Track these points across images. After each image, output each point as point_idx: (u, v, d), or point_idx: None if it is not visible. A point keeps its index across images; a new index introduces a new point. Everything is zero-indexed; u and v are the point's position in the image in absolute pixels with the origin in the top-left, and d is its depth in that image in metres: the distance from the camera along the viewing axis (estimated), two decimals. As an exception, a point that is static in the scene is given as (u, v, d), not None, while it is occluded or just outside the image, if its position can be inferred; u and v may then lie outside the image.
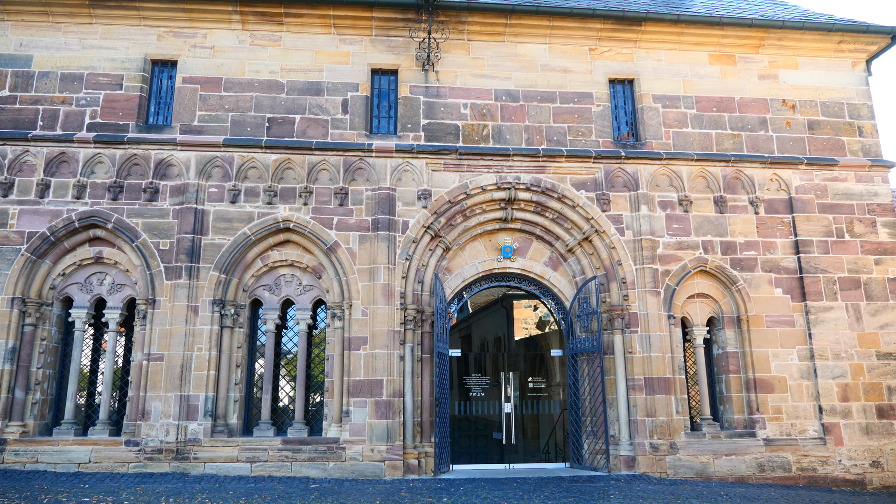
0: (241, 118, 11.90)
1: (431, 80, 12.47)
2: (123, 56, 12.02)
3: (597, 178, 12.28)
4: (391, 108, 12.47)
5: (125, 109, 11.76)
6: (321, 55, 12.37)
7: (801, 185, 12.69)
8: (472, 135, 12.26)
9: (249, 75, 12.13)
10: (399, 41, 12.57)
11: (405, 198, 11.85)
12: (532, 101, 12.56)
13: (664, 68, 13.02)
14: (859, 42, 13.38)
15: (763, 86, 13.19)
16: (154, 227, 11.31)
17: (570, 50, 12.92)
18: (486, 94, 12.49)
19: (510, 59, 12.74)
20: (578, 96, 12.68)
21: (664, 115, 12.75)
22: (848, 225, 12.64)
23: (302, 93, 12.14)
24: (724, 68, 13.19)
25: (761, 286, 12.16)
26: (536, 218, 12.32)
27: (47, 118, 11.60)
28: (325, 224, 11.59)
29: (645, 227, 12.08)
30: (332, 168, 11.82)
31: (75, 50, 11.98)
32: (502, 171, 12.15)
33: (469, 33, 12.68)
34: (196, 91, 11.97)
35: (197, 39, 12.23)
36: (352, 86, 12.27)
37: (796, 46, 13.35)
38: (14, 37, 11.97)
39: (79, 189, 11.32)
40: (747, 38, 13.17)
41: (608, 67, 12.92)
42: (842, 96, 13.35)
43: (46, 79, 11.79)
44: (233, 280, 11.43)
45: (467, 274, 12.26)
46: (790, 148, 12.88)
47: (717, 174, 12.52)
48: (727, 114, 12.92)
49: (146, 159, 11.54)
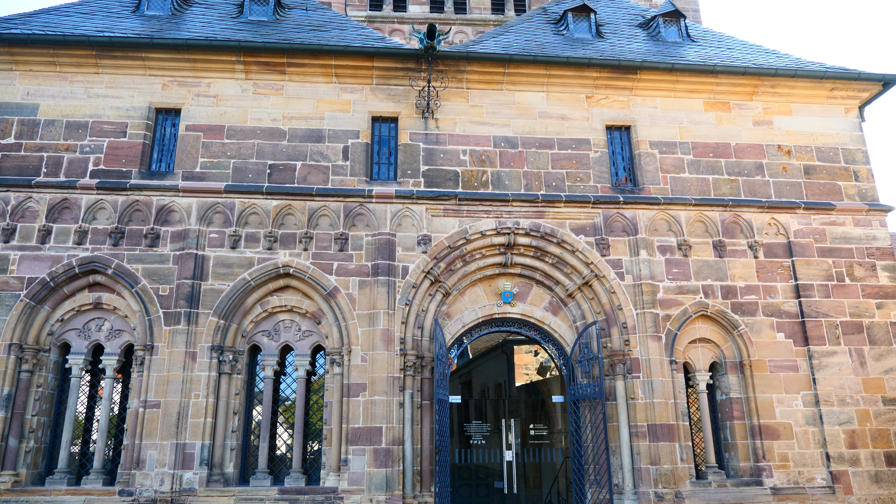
0: (243, 165, 12.04)
1: (431, 127, 12.66)
2: (128, 104, 12.23)
3: (596, 223, 12.34)
4: (391, 155, 12.62)
5: (128, 156, 11.91)
6: (323, 103, 12.59)
7: (799, 230, 12.74)
8: (471, 181, 12.38)
9: (252, 123, 12.32)
10: (399, 89, 12.80)
11: (405, 243, 11.89)
12: (530, 147, 12.72)
13: (660, 115, 13.22)
14: (851, 89, 13.62)
15: (758, 132, 13.37)
16: (154, 272, 11.31)
17: (568, 98, 13.14)
18: (485, 140, 12.66)
19: (508, 106, 12.95)
20: (576, 142, 12.85)
21: (661, 160, 12.89)
22: (848, 269, 12.63)
23: (303, 140, 12.30)
24: (719, 115, 13.39)
25: (763, 330, 12.09)
26: (536, 263, 12.34)
27: (51, 165, 11.74)
28: (324, 269, 11.60)
29: (645, 271, 12.08)
30: (333, 214, 11.89)
31: (81, 98, 12.20)
32: (501, 216, 12.22)
33: (468, 82, 12.93)
34: (199, 138, 12.14)
35: (201, 88, 12.47)
36: (352, 133, 12.45)
37: (789, 93, 13.59)
38: (21, 86, 12.20)
39: (80, 235, 11.37)
40: (741, 86, 13.42)
41: (605, 114, 13.12)
42: (836, 141, 13.51)
43: (52, 126, 11.97)
44: (232, 326, 11.38)
45: (467, 319, 12.20)
46: (787, 192, 12.98)
47: (715, 219, 12.58)
48: (724, 159, 13.06)
49: (148, 205, 11.63)
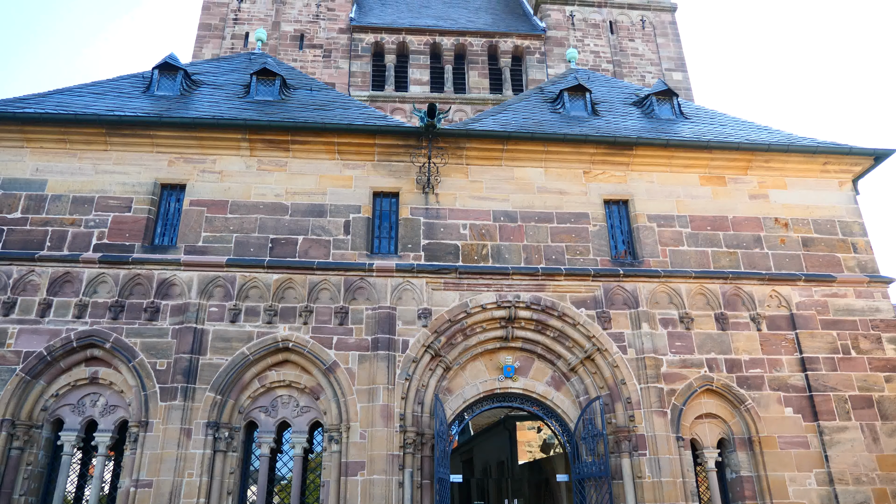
0: (245, 239, 12.15)
1: (431, 202, 12.85)
2: (134, 180, 12.48)
3: (596, 296, 12.32)
4: (392, 229, 12.75)
5: (132, 231, 12.05)
6: (325, 179, 12.84)
7: (801, 302, 12.69)
8: (471, 254, 12.45)
9: (255, 198, 12.52)
10: (400, 165, 13.08)
11: (405, 317, 11.83)
12: (530, 221, 12.86)
13: (657, 189, 13.43)
14: (844, 163, 13.88)
15: (755, 205, 13.54)
16: (152, 346, 11.22)
17: (566, 173, 13.40)
18: (485, 215, 12.82)
19: (507, 181, 13.19)
20: (575, 216, 12.99)
21: (660, 233, 13.00)
22: (853, 341, 12.50)
23: (305, 214, 12.47)
24: (715, 189, 13.60)
25: (770, 405, 11.84)
26: (537, 336, 12.24)
27: (55, 239, 11.86)
28: (324, 343, 11.50)
29: (647, 344, 11.96)
30: (333, 287, 11.90)
31: (89, 175, 12.46)
32: (502, 289, 12.21)
33: (467, 158, 13.22)
34: (202, 213, 12.31)
35: (206, 165, 12.75)
36: (354, 208, 12.63)
37: (783, 168, 13.84)
38: (31, 162, 12.49)
39: (80, 308, 11.36)
40: (735, 161, 13.69)
41: (603, 189, 13.33)
42: (833, 214, 13.66)
43: (58, 201, 12.17)
44: (229, 401, 11.18)
45: (468, 394, 11.99)
46: (787, 265, 13.01)
47: (716, 291, 12.56)
48: (721, 232, 13.17)
49: (149, 279, 11.66)
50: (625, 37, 28.09)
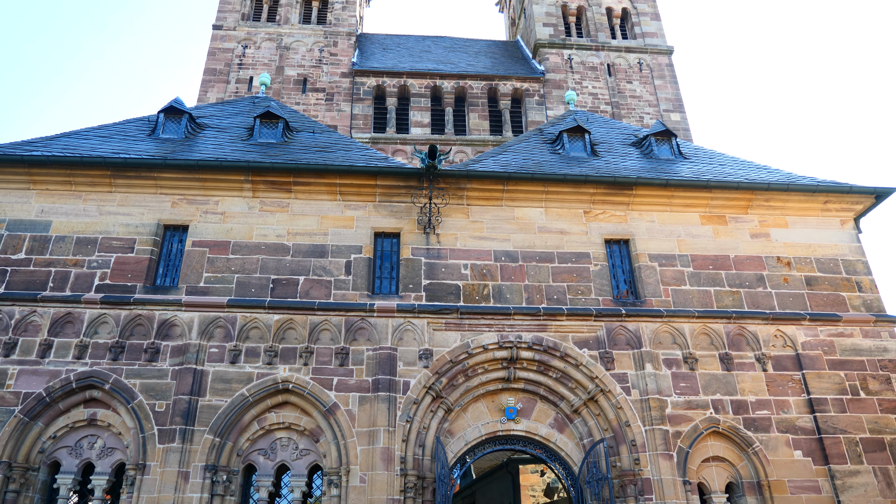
0: (247, 279, 12.16)
1: (432, 242, 12.88)
2: (138, 221, 12.56)
3: (599, 337, 12.22)
4: (393, 269, 12.76)
5: (134, 271, 12.07)
6: (327, 220, 12.90)
7: (806, 342, 12.56)
8: (472, 294, 12.41)
9: (257, 239, 12.57)
10: (401, 206, 13.16)
11: (406, 357, 11.74)
12: (531, 261, 12.86)
13: (658, 229, 13.45)
14: (844, 201, 13.91)
15: (756, 244, 13.52)
16: (152, 388, 11.13)
17: (566, 213, 13.45)
18: (486, 254, 12.83)
19: (508, 221, 13.24)
20: (576, 256, 12.99)
21: (661, 273, 12.97)
22: (861, 382, 12.32)
23: (307, 255, 12.50)
24: (716, 228, 13.61)
25: (779, 448, 11.61)
26: (540, 377, 12.10)
27: (58, 280, 11.88)
28: (324, 385, 11.39)
29: (651, 385, 11.81)
30: (334, 328, 11.85)
31: (93, 216, 12.55)
32: (503, 329, 12.14)
33: (468, 198, 13.30)
34: (204, 254, 12.35)
35: (209, 206, 12.84)
36: (355, 248, 12.66)
37: (784, 207, 13.87)
38: (37, 204, 12.61)
39: (80, 349, 11.31)
40: (735, 200, 13.74)
41: (603, 229, 13.36)
42: (835, 253, 13.62)
43: (62, 242, 12.24)
44: (227, 444, 11.02)
45: (470, 437, 11.81)
46: (791, 304, 12.93)
47: (719, 331, 12.46)
48: (724, 271, 13.12)
49: (150, 320, 11.64)
50: (622, 79, 28.55)
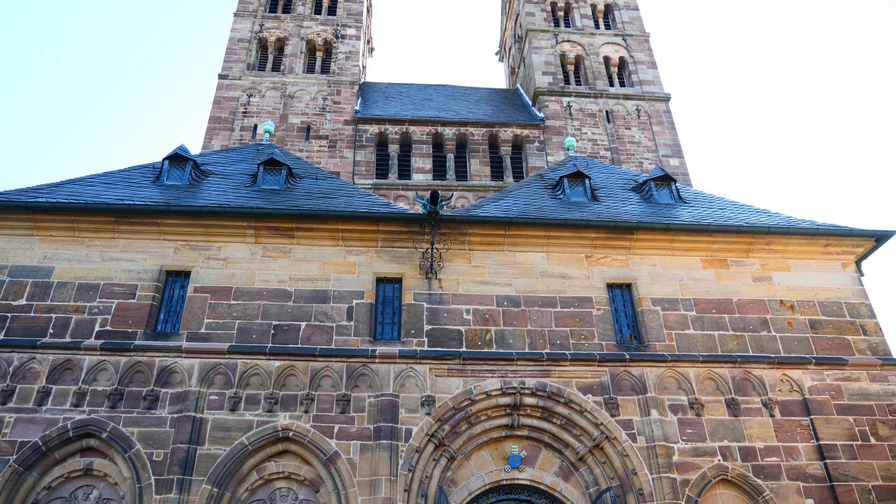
0: (248, 325, 12.10)
1: (434, 287, 12.87)
2: (140, 267, 12.58)
3: (603, 382, 12.08)
4: (395, 315, 12.70)
5: (135, 318, 12.02)
6: (329, 265, 12.92)
7: (813, 386, 12.41)
8: (475, 340, 12.33)
9: (259, 284, 12.56)
10: (403, 251, 13.19)
11: (408, 404, 11.59)
12: (533, 306, 12.82)
13: (660, 273, 13.45)
14: (845, 244, 13.94)
15: (759, 287, 13.50)
16: (150, 436, 10.95)
17: (568, 257, 13.47)
18: (488, 299, 12.80)
19: (510, 266, 13.25)
20: (578, 301, 12.95)
21: (665, 317, 12.90)
22: (871, 427, 12.12)
23: (308, 301, 12.47)
24: (718, 272, 13.60)
25: (790, 496, 11.34)
26: (544, 424, 11.92)
27: (58, 326, 11.82)
28: (325, 433, 11.20)
29: (657, 432, 11.61)
30: (335, 374, 11.73)
31: (95, 262, 12.57)
32: (507, 375, 12.01)
33: (470, 243, 13.34)
34: (206, 300, 12.32)
35: (212, 252, 12.88)
36: (357, 294, 12.64)
37: (785, 250, 13.90)
38: (40, 250, 12.64)
39: (78, 397, 11.17)
40: (736, 244, 13.77)
41: (605, 273, 13.36)
42: (838, 296, 13.58)
43: (64, 289, 12.22)
44: (225, 494, 10.78)
45: (473, 486, 11.55)
46: (795, 348, 12.82)
47: (725, 376, 12.32)
48: (727, 315, 13.06)
49: (150, 366, 11.53)
50: (621, 125, 28.98)
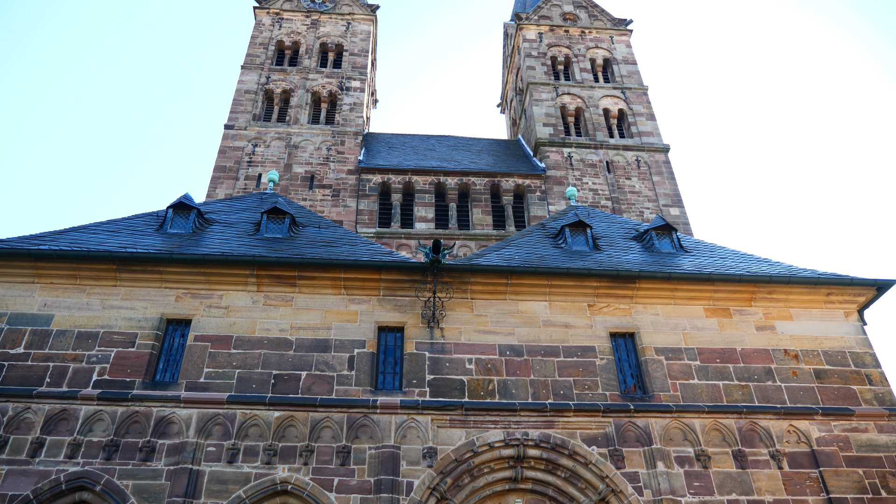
0: (248, 375, 11.98)
1: (437, 336, 12.79)
2: (141, 315, 12.53)
3: (608, 433, 11.88)
4: (397, 364, 12.59)
5: (134, 366, 11.91)
6: (330, 314, 12.88)
7: (821, 437, 12.20)
8: (477, 390, 12.19)
9: (260, 333, 12.49)
10: (405, 300, 13.16)
11: (409, 456, 11.37)
12: (536, 355, 12.72)
13: (663, 322, 13.39)
14: (847, 293, 13.92)
15: (762, 337, 13.41)
16: (145, 489, 10.70)
17: (570, 306, 13.43)
18: (491, 349, 12.71)
19: (512, 315, 13.20)
20: (581, 350, 12.86)
21: (668, 366, 12.78)
22: (881, 480, 11.86)
23: (309, 350, 12.38)
24: (721, 321, 13.55)
25: (801, 553, 11.02)
26: (548, 477, 11.66)
27: (56, 375, 11.70)
28: (324, 486, 10.95)
29: (664, 485, 11.36)
30: (336, 425, 11.54)
31: (96, 310, 12.53)
32: (509, 426, 11.82)
33: (472, 292, 13.32)
34: (206, 348, 12.23)
35: (213, 300, 12.85)
36: (359, 343, 12.55)
37: (787, 299, 13.87)
38: (40, 298, 12.62)
39: (73, 448, 10.97)
40: (738, 293, 13.75)
41: (608, 322, 13.30)
42: (842, 345, 13.48)
43: (63, 337, 12.15)
44: (220, 551, 10.47)
45: (476, 542, 11.23)
46: (801, 398, 12.66)
47: (731, 426, 12.13)
48: (731, 365, 12.94)
49: (147, 417, 11.36)
50: (622, 175, 29.32)
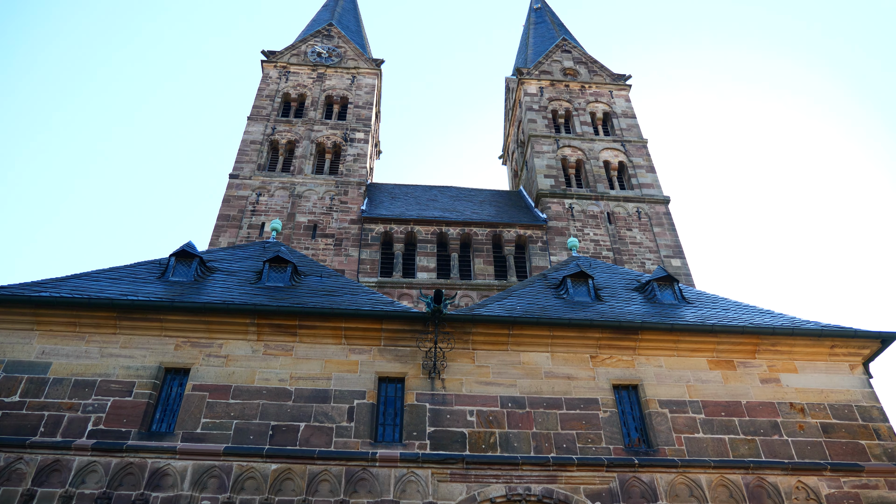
0: (246, 426, 11.78)
1: (437, 387, 12.64)
2: (139, 364, 12.42)
3: (612, 489, 11.60)
4: (397, 416, 12.40)
5: (130, 416, 11.73)
6: (330, 364, 12.76)
7: (830, 494, 11.89)
8: (478, 443, 11.96)
9: (259, 383, 12.35)
10: (406, 350, 13.06)
11: (409, 512, 11.08)
12: (538, 407, 12.53)
13: (666, 374, 13.24)
14: (851, 346, 13.80)
15: (767, 390, 13.24)
16: (135, 545, 10.40)
17: (572, 357, 13.31)
18: (492, 401, 12.53)
19: (514, 366, 13.07)
20: (584, 402, 12.68)
21: (673, 420, 12.58)
22: (895, 540, 11.51)
23: (309, 400, 12.21)
24: (725, 373, 13.40)
25: None
26: (551, 535, 11.33)
27: (50, 424, 11.51)
28: (320, 542, 10.64)
29: (670, 544, 11.02)
30: (334, 479, 11.29)
31: (94, 358, 12.43)
32: (511, 480, 11.55)
33: (474, 343, 13.23)
34: (204, 398, 12.08)
35: (213, 349, 12.76)
36: (359, 393, 12.40)
37: (791, 351, 13.75)
38: (38, 345, 12.53)
39: (64, 500, 10.70)
40: (742, 345, 13.65)
41: (611, 374, 13.16)
42: (848, 399, 13.29)
43: (59, 385, 12.01)
44: None
45: None
46: (809, 453, 12.40)
47: (738, 482, 11.84)
48: (737, 418, 12.73)
49: (141, 468, 11.12)
50: (622, 226, 29.50)
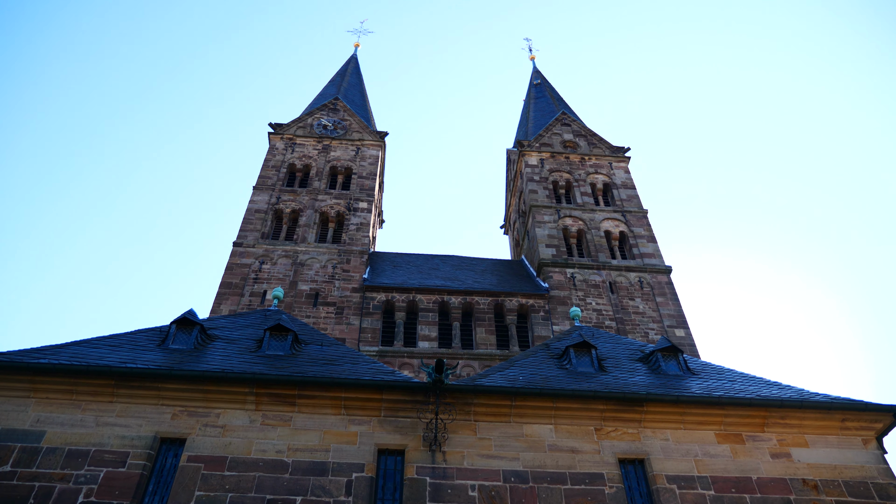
0: (241, 499, 11.41)
1: (438, 460, 12.31)
2: (134, 433, 12.16)
3: (619, 570, 11.10)
4: (396, 490, 12.01)
5: (122, 489, 11.39)
6: (329, 435, 12.48)
7: (850, 578, 11.36)
8: (480, 519, 11.54)
9: (256, 454, 12.05)
10: (407, 422, 12.80)
11: (407, 593, 10.57)
12: (542, 482, 12.15)
13: (673, 447, 12.90)
14: (863, 419, 13.48)
15: (778, 465, 12.85)
16: None
17: (576, 430, 13.02)
18: (495, 475, 12.17)
19: (517, 438, 12.77)
20: (589, 477, 12.30)
21: (682, 496, 12.15)
22: None
23: (306, 473, 11.87)
24: (733, 447, 13.05)
25: None
26: None
27: (40, 496, 11.15)
28: None
29: None
30: (329, 558, 10.85)
31: (89, 427, 12.18)
32: (515, 560, 11.08)
33: (475, 414, 12.98)
34: (199, 470, 11.75)
35: (210, 419, 12.53)
36: (357, 466, 12.07)
37: (801, 425, 13.42)
38: (33, 413, 12.31)
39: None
40: (750, 417, 13.35)
41: (616, 447, 12.83)
42: (863, 475, 12.87)
43: (52, 455, 11.72)
44: None
45: None
46: (825, 534, 11.92)
47: (752, 565, 11.34)
48: (748, 495, 12.30)
49: (130, 545, 10.72)
50: (625, 296, 29.43)
